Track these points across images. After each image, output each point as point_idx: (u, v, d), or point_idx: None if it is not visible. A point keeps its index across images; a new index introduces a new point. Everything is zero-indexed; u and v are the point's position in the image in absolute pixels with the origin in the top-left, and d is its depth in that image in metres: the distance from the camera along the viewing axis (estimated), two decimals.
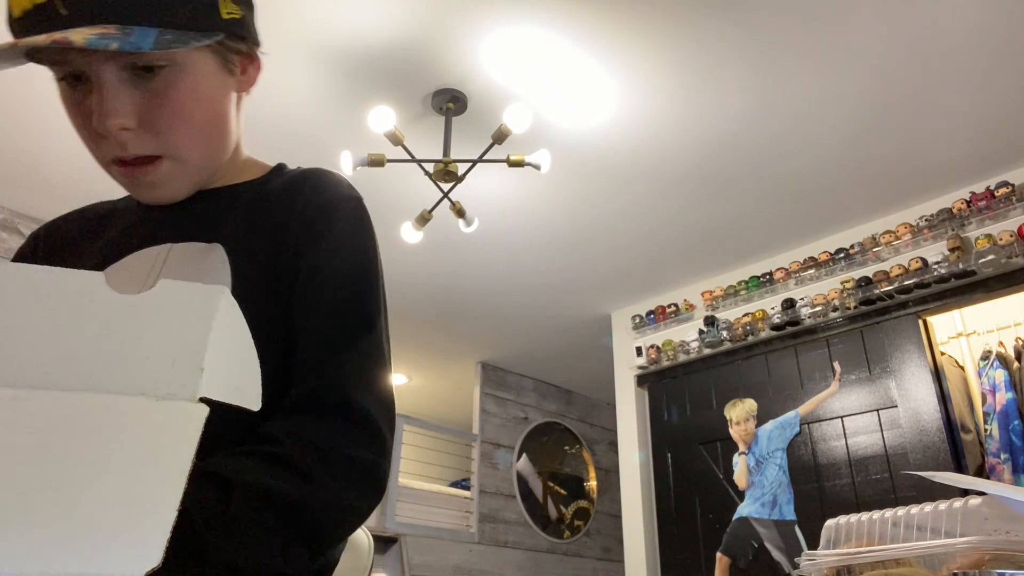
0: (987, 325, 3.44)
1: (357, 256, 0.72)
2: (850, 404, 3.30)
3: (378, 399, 0.65)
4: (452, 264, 3.96)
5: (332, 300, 0.68)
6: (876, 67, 2.57)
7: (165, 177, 0.70)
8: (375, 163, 2.68)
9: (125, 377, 0.36)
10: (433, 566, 4.43)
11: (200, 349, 0.37)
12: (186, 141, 0.69)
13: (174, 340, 0.37)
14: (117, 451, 0.33)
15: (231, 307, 0.41)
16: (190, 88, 0.67)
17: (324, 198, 0.74)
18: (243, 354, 0.41)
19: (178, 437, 0.34)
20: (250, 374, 0.42)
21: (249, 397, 0.40)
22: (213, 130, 0.72)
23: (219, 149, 0.74)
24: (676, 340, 4.03)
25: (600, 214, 3.49)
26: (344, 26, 2.43)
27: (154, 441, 0.34)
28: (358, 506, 0.61)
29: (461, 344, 5.01)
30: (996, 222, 3.08)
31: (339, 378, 0.64)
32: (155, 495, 0.32)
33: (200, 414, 0.35)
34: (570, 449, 5.61)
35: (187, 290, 0.39)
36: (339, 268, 0.70)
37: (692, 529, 3.67)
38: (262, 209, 0.75)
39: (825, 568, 1.08)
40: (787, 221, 3.53)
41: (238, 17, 0.70)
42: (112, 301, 0.38)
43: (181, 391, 0.36)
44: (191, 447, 0.34)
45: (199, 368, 0.37)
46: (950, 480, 1.04)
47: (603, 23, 2.40)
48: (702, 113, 2.81)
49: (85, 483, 0.32)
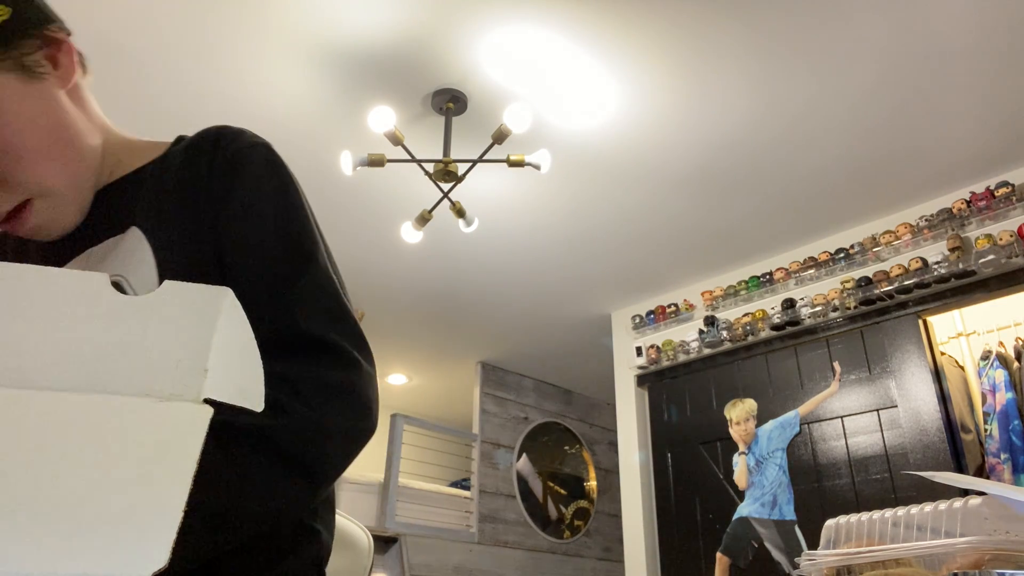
0: (987, 325, 3.44)
1: (278, 196, 0.69)
2: (850, 404, 3.30)
3: (339, 324, 0.63)
4: (452, 264, 3.96)
5: (263, 245, 0.65)
6: (876, 67, 2.57)
7: (44, 214, 0.65)
8: (375, 163, 2.68)
9: (129, 378, 0.36)
10: (433, 566, 4.43)
11: (204, 350, 0.37)
12: (38, 172, 0.63)
13: (178, 341, 0.37)
14: (122, 452, 0.33)
15: (234, 307, 0.41)
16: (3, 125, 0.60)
17: (229, 150, 0.70)
18: (246, 354, 0.41)
19: (183, 438, 0.34)
20: (253, 374, 0.42)
21: (253, 398, 0.40)
22: (57, 146, 0.65)
23: (76, 159, 0.67)
24: (676, 340, 4.03)
25: (600, 214, 3.49)
26: (344, 26, 2.43)
27: (159, 442, 0.34)
28: (345, 427, 0.58)
29: (461, 344, 5.01)
30: (996, 222, 3.08)
31: (291, 316, 0.61)
32: (160, 496, 0.32)
33: (204, 415, 0.35)
34: (570, 449, 5.61)
35: (190, 291, 0.39)
36: (262, 212, 0.67)
37: (692, 529, 3.67)
38: (168, 181, 0.70)
39: (825, 568, 1.08)
40: (787, 221, 3.53)
41: (7, 17, 0.61)
42: (116, 303, 0.38)
43: (185, 392, 0.36)
44: (196, 448, 0.34)
45: (203, 369, 0.36)
46: (950, 480, 1.04)
47: (603, 23, 2.40)
48: (702, 113, 2.81)
49: (90, 483, 0.32)
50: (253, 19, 2.40)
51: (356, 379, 0.61)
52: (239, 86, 2.68)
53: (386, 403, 6.29)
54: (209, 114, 2.81)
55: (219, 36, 2.46)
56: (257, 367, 0.43)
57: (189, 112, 2.79)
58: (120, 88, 2.67)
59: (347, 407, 0.59)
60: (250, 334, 0.42)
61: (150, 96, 2.71)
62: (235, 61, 2.57)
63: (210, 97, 2.73)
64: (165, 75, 2.62)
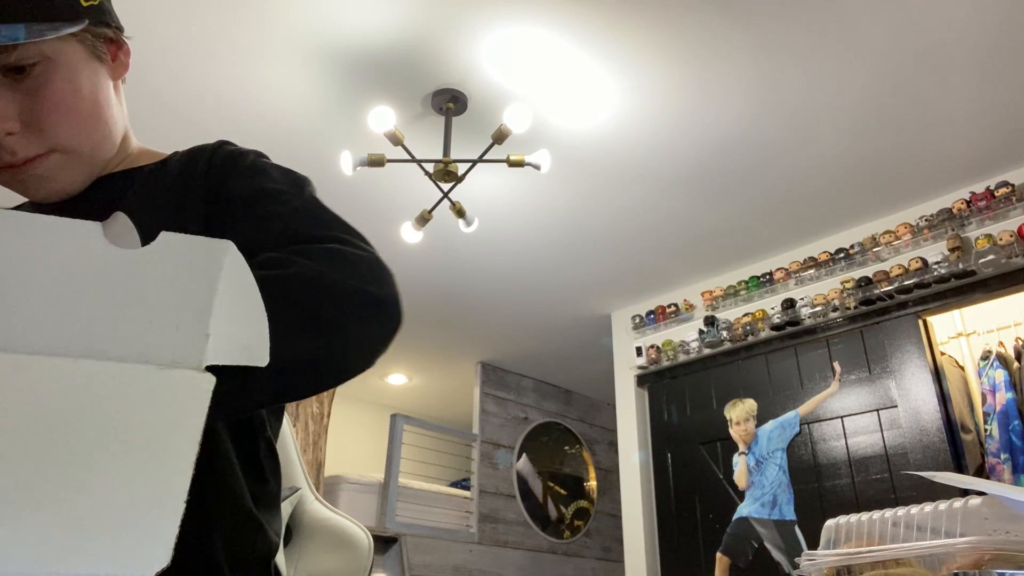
0: (987, 325, 3.44)
1: (269, 166, 0.72)
2: (850, 404, 3.30)
3: (347, 228, 0.63)
4: (452, 264, 3.96)
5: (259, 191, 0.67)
6: (876, 67, 2.57)
7: (55, 169, 0.70)
8: (375, 163, 2.68)
9: (127, 342, 0.33)
10: (433, 566, 4.43)
11: (205, 312, 0.34)
12: (72, 132, 0.69)
13: (178, 301, 0.34)
14: (121, 430, 0.30)
15: (237, 262, 0.38)
16: (66, 79, 0.67)
17: (224, 152, 0.74)
18: (250, 308, 0.38)
19: (185, 412, 0.32)
20: (258, 329, 0.39)
21: (258, 355, 0.37)
22: (96, 118, 0.72)
23: (105, 137, 0.74)
24: (676, 340, 4.03)
25: (600, 214, 3.49)
26: (344, 26, 2.43)
27: (159, 418, 0.31)
28: (374, 292, 0.56)
29: (461, 344, 5.01)
30: (996, 222, 3.08)
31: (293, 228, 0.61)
32: (163, 483, 0.30)
33: (207, 385, 0.33)
34: (570, 449, 5.61)
35: (190, 244, 0.36)
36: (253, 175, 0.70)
37: (692, 529, 3.67)
38: (162, 180, 0.74)
39: (825, 568, 1.08)
40: (787, 221, 3.53)
41: (96, 4, 0.70)
42: (112, 256, 0.35)
43: (186, 359, 0.33)
44: (199, 424, 0.32)
45: (204, 334, 0.34)
46: (950, 480, 1.04)
47: (603, 23, 2.40)
48: (702, 113, 2.81)
49: (89, 469, 0.29)
50: (253, 19, 2.40)
51: (371, 251, 0.60)
52: (239, 86, 2.68)
53: (386, 403, 6.29)
54: (209, 114, 2.81)
55: (219, 36, 2.46)
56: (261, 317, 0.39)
57: (189, 112, 2.79)
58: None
59: (367, 270, 0.57)
60: (254, 287, 0.39)
61: (150, 95, 2.71)
62: (235, 61, 2.57)
63: (210, 97, 2.73)
64: (165, 75, 2.62)
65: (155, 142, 0.89)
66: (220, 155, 0.75)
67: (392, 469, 4.40)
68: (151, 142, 0.88)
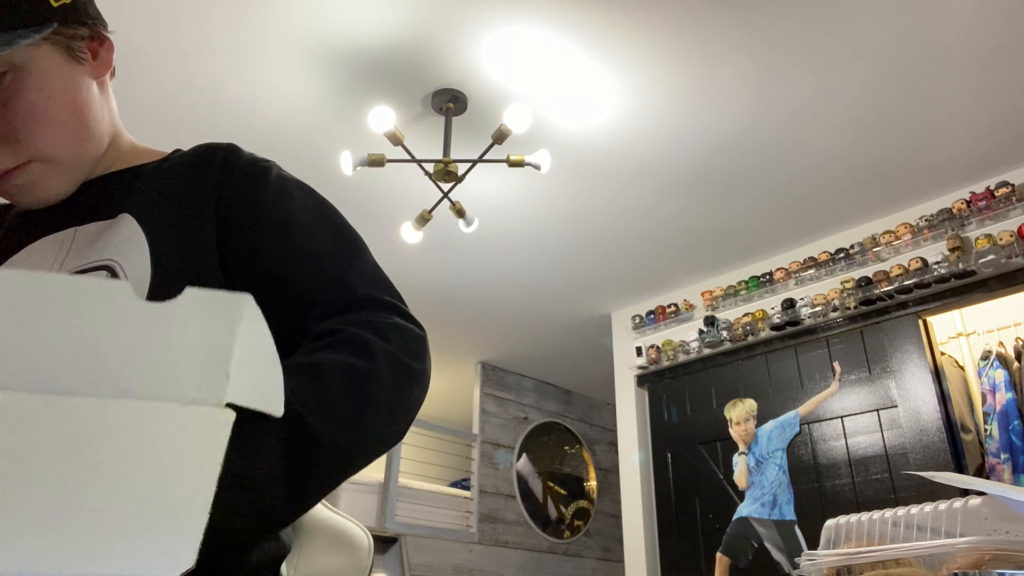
0: (987, 325, 3.44)
1: (310, 198, 0.73)
2: (850, 404, 3.30)
3: (393, 291, 0.70)
4: (452, 264, 3.96)
5: (315, 248, 0.69)
6: (876, 67, 2.57)
7: (37, 178, 0.69)
8: (375, 163, 2.68)
9: (153, 383, 0.36)
10: (433, 566, 4.43)
11: (226, 355, 0.38)
12: (49, 141, 0.67)
13: (200, 347, 0.38)
14: (147, 455, 0.33)
15: (255, 314, 0.41)
16: (37, 88, 0.65)
17: (243, 162, 0.73)
18: (266, 361, 0.42)
19: (206, 441, 0.35)
20: (274, 380, 0.42)
21: (273, 403, 0.40)
22: (74, 123, 0.69)
23: (87, 140, 0.71)
24: (676, 340, 4.03)
25: (600, 214, 3.49)
26: (344, 26, 2.43)
27: (183, 445, 0.34)
28: (418, 367, 0.62)
29: (461, 344, 5.01)
30: (996, 222, 3.08)
31: (354, 286, 0.66)
32: (187, 498, 0.32)
33: (227, 419, 0.36)
34: (570, 449, 5.61)
35: (212, 298, 0.40)
36: (303, 221, 0.70)
37: (692, 529, 3.67)
38: (168, 180, 0.73)
39: (825, 568, 1.08)
40: (787, 221, 3.53)
41: (68, 2, 0.67)
42: (140, 310, 0.39)
43: (208, 396, 0.36)
44: (220, 451, 0.34)
45: (226, 374, 0.37)
46: (950, 480, 1.04)
47: (603, 23, 2.40)
48: (702, 113, 2.81)
49: (117, 485, 0.32)
50: (253, 19, 2.40)
51: (419, 329, 0.66)
52: (240, 85, 2.68)
53: None
54: (210, 113, 2.81)
55: (219, 35, 2.46)
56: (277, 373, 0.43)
57: (190, 111, 2.79)
58: (120, 87, 2.67)
59: (416, 347, 0.63)
60: (270, 340, 0.43)
61: (150, 95, 2.71)
62: (235, 60, 2.57)
63: (210, 96, 2.73)
64: (165, 74, 2.62)
65: (156, 140, 0.89)
66: (237, 162, 0.73)
67: (392, 469, 4.41)
68: (152, 140, 0.88)
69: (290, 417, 0.47)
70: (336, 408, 0.52)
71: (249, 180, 0.71)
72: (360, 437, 0.55)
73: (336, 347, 0.57)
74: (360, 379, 0.55)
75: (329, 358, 0.55)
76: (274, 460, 0.47)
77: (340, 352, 0.56)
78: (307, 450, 0.50)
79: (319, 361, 0.55)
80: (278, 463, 0.48)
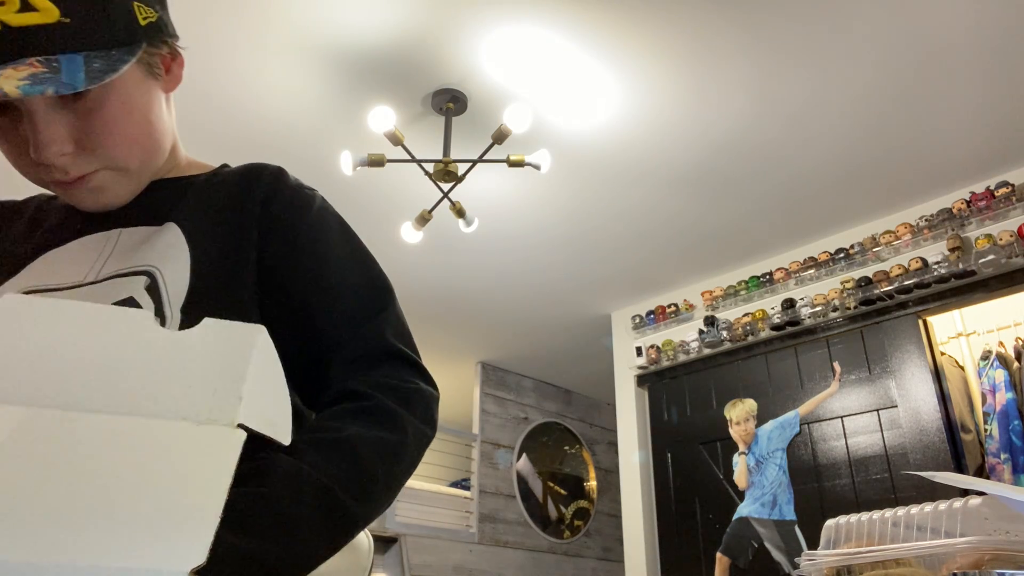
0: (987, 325, 3.44)
1: (347, 235, 0.77)
2: (850, 404, 3.30)
3: (413, 345, 0.73)
4: (452, 264, 3.96)
5: (348, 286, 0.73)
6: (876, 67, 2.57)
7: (106, 184, 0.70)
8: (375, 163, 2.68)
9: (169, 404, 0.39)
10: (433, 566, 4.43)
11: (239, 380, 0.40)
12: (123, 152, 0.69)
13: (215, 371, 0.41)
14: (162, 468, 0.36)
15: (267, 344, 0.44)
16: (120, 102, 0.67)
17: (290, 188, 0.76)
18: (276, 390, 0.45)
19: (218, 458, 0.37)
20: (282, 409, 0.45)
21: (281, 431, 0.43)
22: (147, 137, 0.72)
23: (155, 152, 0.74)
24: (676, 340, 4.03)
25: (600, 214, 3.49)
26: (344, 26, 2.43)
27: (196, 461, 0.36)
28: (431, 433, 0.66)
29: (461, 344, 5.01)
30: (996, 222, 3.08)
31: (385, 335, 0.70)
32: (199, 505, 0.34)
33: (238, 439, 0.38)
34: (570, 449, 5.61)
35: (228, 328, 0.43)
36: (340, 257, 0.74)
37: (692, 529, 3.67)
38: (216, 194, 0.76)
39: (825, 568, 1.08)
40: (787, 221, 3.53)
41: (154, 20, 0.69)
42: (159, 336, 0.42)
43: (221, 417, 0.38)
44: (230, 468, 0.36)
45: (238, 397, 0.39)
46: (950, 480, 1.04)
47: (603, 23, 2.40)
48: (702, 113, 2.81)
49: (132, 492, 0.34)
50: (254, 19, 2.40)
51: (433, 391, 0.70)
52: (240, 85, 2.68)
53: None
54: (210, 112, 2.81)
55: (220, 36, 2.46)
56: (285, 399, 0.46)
57: (190, 111, 2.79)
58: None
59: (429, 412, 0.67)
60: (280, 371, 0.46)
61: None
62: (236, 61, 2.57)
63: (211, 97, 2.73)
64: None
65: None
66: (284, 186, 0.76)
67: None
68: None
69: (322, 491, 0.53)
70: (364, 485, 0.57)
71: (292, 206, 0.74)
72: (378, 508, 0.59)
73: (367, 419, 0.61)
74: (388, 457, 0.60)
75: (360, 433, 0.59)
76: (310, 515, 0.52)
77: (371, 426, 0.60)
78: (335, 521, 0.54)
79: (351, 436, 0.58)
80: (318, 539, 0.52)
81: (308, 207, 0.75)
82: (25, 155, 0.65)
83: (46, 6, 0.58)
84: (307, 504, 0.51)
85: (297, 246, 0.72)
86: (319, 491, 0.52)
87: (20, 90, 0.54)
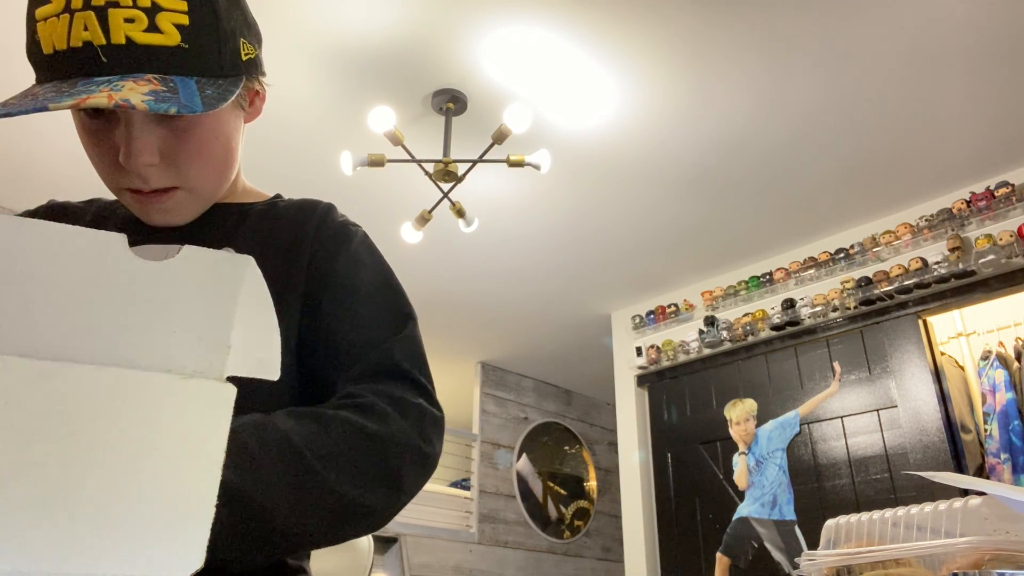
0: (987, 325, 3.44)
1: (380, 270, 0.80)
2: (850, 404, 3.30)
3: (426, 371, 0.74)
4: (452, 264, 3.96)
5: (372, 306, 0.75)
6: (876, 68, 2.57)
7: (178, 205, 0.74)
8: (375, 163, 2.68)
9: (151, 351, 0.34)
10: (433, 566, 4.43)
11: (227, 324, 0.36)
12: (202, 175, 0.73)
13: (200, 313, 0.36)
14: (149, 438, 0.32)
15: (256, 278, 0.40)
16: (210, 127, 0.71)
17: (339, 225, 0.81)
18: (266, 325, 0.40)
19: (210, 420, 0.33)
20: (272, 345, 0.40)
21: (270, 368, 0.39)
22: (225, 164, 0.76)
23: (228, 179, 0.79)
24: (676, 340, 4.03)
25: (600, 214, 3.49)
26: (344, 26, 2.43)
27: (186, 425, 0.32)
28: (428, 451, 0.65)
29: (461, 344, 5.01)
30: (996, 222, 3.08)
31: (393, 355, 0.71)
32: (193, 489, 0.31)
33: (229, 395, 0.34)
34: (570, 449, 5.61)
35: (212, 258, 0.38)
36: (372, 278, 0.78)
37: (692, 529, 3.66)
38: (273, 224, 0.79)
39: (825, 568, 1.08)
40: (787, 221, 3.53)
41: (254, 57, 0.75)
42: (136, 267, 0.36)
43: (208, 369, 0.34)
44: (223, 432, 0.33)
45: (226, 346, 0.36)
46: (950, 480, 1.04)
47: (603, 23, 2.40)
48: (702, 113, 2.81)
49: (120, 474, 0.30)
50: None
51: (438, 412, 0.70)
52: None
53: None
54: None
55: None
56: (275, 336, 0.41)
57: None
58: None
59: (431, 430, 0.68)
60: (270, 305, 0.41)
61: None
62: None
63: None
64: None
65: None
66: (331, 224, 0.80)
67: None
68: None
69: (285, 440, 0.53)
70: (339, 457, 0.56)
71: (334, 240, 0.78)
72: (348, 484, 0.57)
73: (353, 409, 0.61)
74: (363, 440, 0.59)
75: (340, 414, 0.59)
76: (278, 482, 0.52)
77: (355, 413, 0.60)
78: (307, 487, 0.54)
79: (328, 413, 0.59)
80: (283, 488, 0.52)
81: (349, 241, 0.79)
82: (111, 159, 0.68)
83: (170, 30, 0.63)
84: (270, 448, 0.52)
85: (332, 275, 0.75)
86: (281, 439, 0.53)
87: (146, 104, 0.57)
